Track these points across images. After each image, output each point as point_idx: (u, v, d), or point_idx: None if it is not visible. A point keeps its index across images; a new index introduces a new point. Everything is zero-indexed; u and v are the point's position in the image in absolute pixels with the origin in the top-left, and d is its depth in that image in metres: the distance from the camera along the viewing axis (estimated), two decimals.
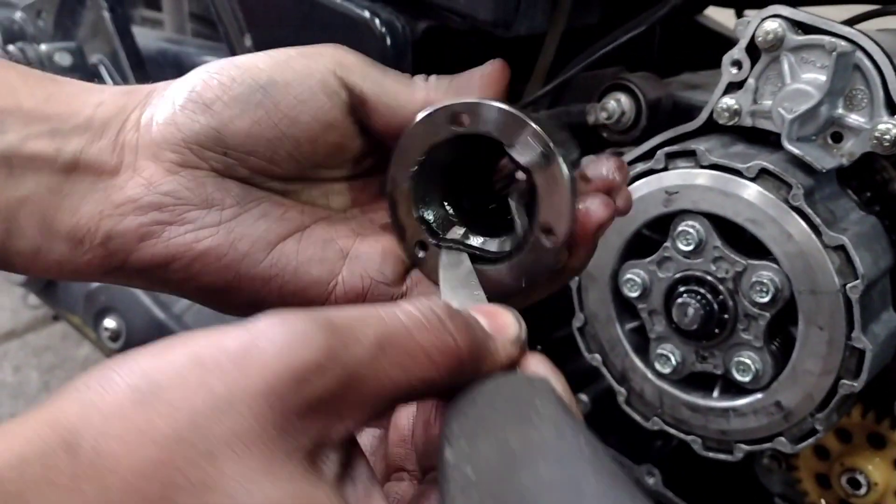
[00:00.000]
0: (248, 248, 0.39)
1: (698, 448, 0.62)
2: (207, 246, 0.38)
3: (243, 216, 0.39)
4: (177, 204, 0.38)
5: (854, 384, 0.54)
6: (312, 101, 0.38)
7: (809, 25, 0.56)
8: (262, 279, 0.39)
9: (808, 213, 0.53)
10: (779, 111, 0.56)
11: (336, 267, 0.40)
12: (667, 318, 0.61)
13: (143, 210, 0.38)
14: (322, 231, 0.41)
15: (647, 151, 0.62)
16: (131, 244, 0.38)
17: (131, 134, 0.39)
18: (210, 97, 0.38)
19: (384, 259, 0.40)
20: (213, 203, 0.38)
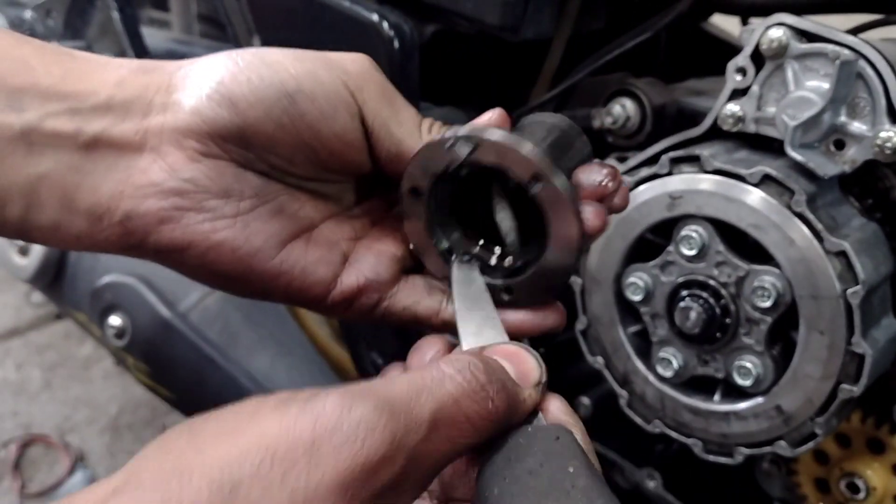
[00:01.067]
0: (262, 244, 0.40)
1: (699, 451, 0.62)
2: (224, 237, 0.39)
3: (260, 209, 0.40)
4: (197, 192, 0.39)
5: (854, 389, 0.55)
6: (335, 117, 0.39)
7: (813, 34, 0.56)
8: (271, 275, 0.40)
9: (811, 218, 0.54)
10: (782, 118, 0.57)
11: (338, 269, 0.42)
12: (669, 321, 0.61)
13: (164, 195, 0.38)
14: (329, 231, 0.42)
15: (651, 156, 0.62)
16: (150, 226, 0.38)
17: (156, 119, 0.39)
18: (237, 94, 0.38)
19: (379, 260, 0.42)
20: (232, 194, 0.39)
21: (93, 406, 1.46)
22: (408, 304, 0.42)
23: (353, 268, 0.42)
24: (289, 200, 0.41)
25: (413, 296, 0.42)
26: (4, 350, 1.57)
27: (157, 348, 0.78)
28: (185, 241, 0.39)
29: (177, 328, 0.77)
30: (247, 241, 0.39)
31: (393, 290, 0.42)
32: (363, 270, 0.42)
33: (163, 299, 0.78)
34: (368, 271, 0.42)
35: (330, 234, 0.42)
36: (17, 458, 1.34)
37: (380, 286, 0.42)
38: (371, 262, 0.42)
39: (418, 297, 0.42)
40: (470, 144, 0.38)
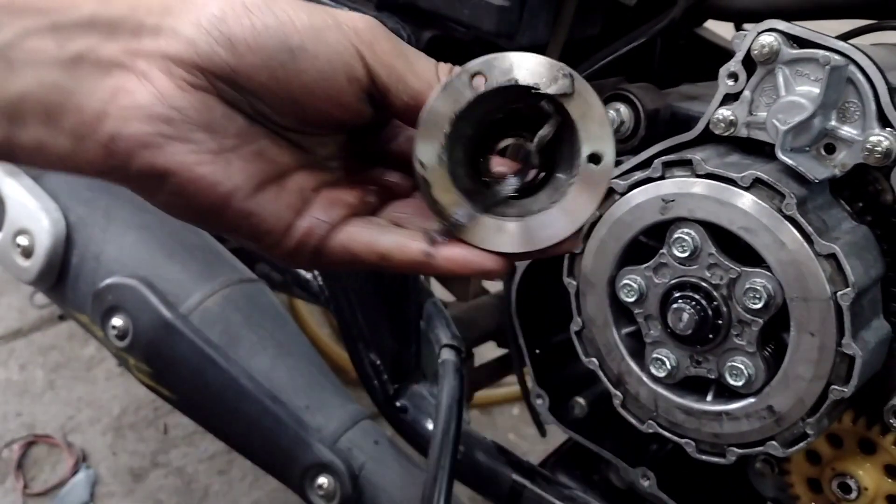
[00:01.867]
0: (241, 183, 0.40)
1: (692, 451, 0.63)
2: (206, 172, 0.39)
3: (242, 149, 0.40)
4: (184, 121, 0.38)
5: (844, 390, 0.55)
6: (333, 79, 0.39)
7: (804, 39, 0.57)
8: (244, 213, 0.40)
9: (801, 222, 0.55)
10: (773, 122, 0.57)
11: (302, 214, 0.42)
12: (662, 323, 0.62)
13: (150, 119, 0.38)
14: (301, 179, 0.42)
15: (644, 160, 0.63)
16: (133, 149, 0.38)
17: (147, 42, 0.38)
18: (238, 35, 0.38)
19: (332, 206, 0.42)
20: (217, 130, 0.39)
21: (96, 406, 1.47)
22: (344, 240, 0.42)
23: (305, 213, 0.42)
24: (270, 145, 0.41)
25: (352, 232, 0.42)
26: (8, 351, 1.58)
27: (158, 349, 0.79)
28: (167, 168, 0.38)
29: (178, 329, 0.78)
30: (228, 178, 0.39)
31: (334, 233, 0.42)
32: (312, 214, 0.42)
33: (164, 301, 0.79)
34: (322, 215, 0.42)
35: (302, 182, 0.42)
36: (21, 458, 1.35)
37: (325, 227, 0.42)
38: (322, 206, 0.42)
39: (356, 232, 0.42)
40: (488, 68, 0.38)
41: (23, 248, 0.87)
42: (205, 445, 1.38)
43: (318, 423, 0.78)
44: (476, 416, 1.49)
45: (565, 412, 0.75)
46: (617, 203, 0.63)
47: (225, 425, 0.81)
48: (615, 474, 0.75)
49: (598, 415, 0.73)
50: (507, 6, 0.67)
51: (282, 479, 0.80)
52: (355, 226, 0.42)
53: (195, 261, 0.85)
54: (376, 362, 0.85)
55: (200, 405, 0.81)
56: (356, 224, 0.42)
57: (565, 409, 0.75)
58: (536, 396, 0.75)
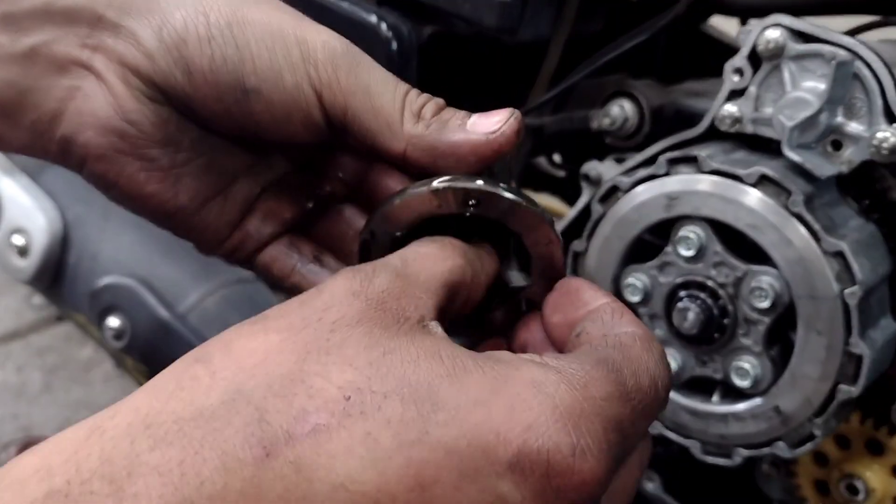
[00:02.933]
0: (187, 202, 0.40)
1: (697, 452, 0.62)
2: (154, 190, 0.39)
3: (193, 163, 0.40)
4: (139, 137, 0.38)
5: (852, 389, 0.55)
6: (287, 123, 0.39)
7: (810, 35, 0.57)
8: (185, 228, 0.42)
9: (808, 219, 0.54)
10: (779, 119, 0.57)
11: (238, 228, 0.43)
12: (667, 322, 0.61)
13: (104, 132, 0.37)
14: (247, 185, 0.43)
15: (649, 157, 0.62)
16: (86, 157, 0.38)
17: (106, 41, 0.37)
18: (196, 64, 0.37)
19: (266, 220, 0.43)
20: (171, 143, 0.39)
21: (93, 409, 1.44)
22: (267, 261, 0.43)
23: (241, 226, 0.43)
24: (220, 154, 0.41)
25: (274, 255, 0.44)
26: (5, 352, 1.57)
27: (156, 349, 0.78)
28: (116, 182, 0.39)
29: (176, 329, 0.78)
30: (174, 196, 0.40)
31: (266, 248, 0.44)
32: (246, 229, 0.43)
33: (162, 301, 0.79)
34: (251, 229, 0.43)
35: (247, 188, 0.42)
36: None
37: (254, 243, 0.43)
38: (257, 221, 0.43)
39: (278, 256, 0.43)
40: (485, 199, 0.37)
41: (19, 247, 0.87)
42: None
43: None
44: None
45: None
46: (621, 200, 0.62)
47: None
48: None
49: None
50: (510, 1, 0.66)
51: None
52: (279, 250, 0.43)
53: (193, 260, 0.84)
54: None
55: None
56: (280, 248, 0.43)
57: None
58: None
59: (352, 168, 0.44)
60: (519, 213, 0.38)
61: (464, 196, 0.37)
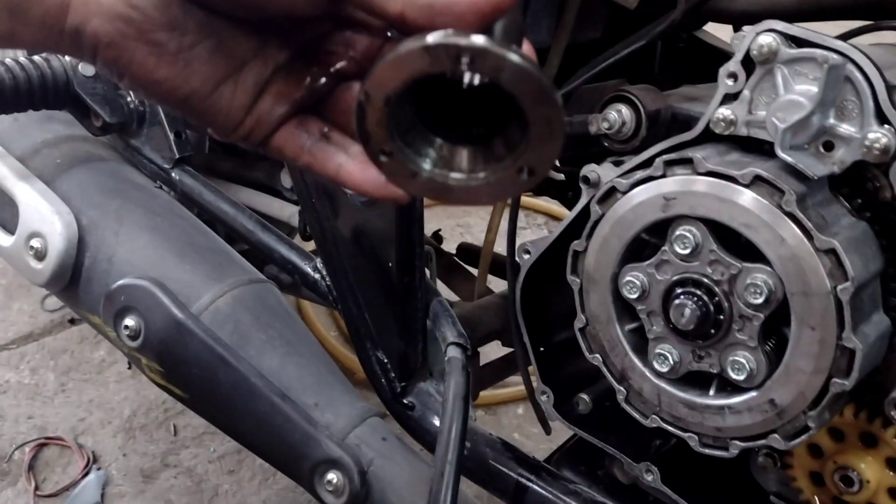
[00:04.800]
0: (198, 86, 0.41)
1: (695, 445, 0.64)
2: (164, 76, 0.40)
3: (200, 47, 0.41)
4: (144, 21, 0.39)
5: (845, 383, 0.56)
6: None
7: (802, 39, 0.58)
8: (199, 112, 0.42)
9: (801, 218, 0.56)
10: (772, 121, 0.59)
11: (251, 111, 0.44)
12: (665, 318, 0.63)
13: (110, 18, 0.39)
14: (257, 68, 0.43)
15: (646, 160, 0.64)
16: (96, 45, 0.39)
17: None
18: None
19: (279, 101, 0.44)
20: (177, 27, 0.40)
21: (106, 409, 1.48)
22: (280, 144, 0.44)
23: (253, 109, 0.43)
24: (227, 37, 0.42)
25: (285, 136, 0.44)
26: (20, 354, 1.60)
27: (170, 349, 0.80)
28: (127, 68, 0.40)
29: (189, 329, 0.80)
30: (185, 81, 0.41)
31: (278, 130, 0.44)
32: (258, 111, 0.43)
33: (175, 301, 0.81)
34: (263, 111, 0.43)
35: (257, 71, 0.43)
36: (32, 460, 1.37)
37: (267, 125, 0.44)
38: (269, 102, 0.44)
39: (289, 137, 0.44)
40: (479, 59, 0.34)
41: (36, 250, 0.89)
42: (214, 446, 1.40)
43: (327, 421, 0.79)
44: (481, 416, 1.50)
45: (570, 409, 0.76)
46: (619, 201, 0.64)
47: (236, 423, 0.82)
48: (619, 469, 0.76)
49: (602, 411, 0.74)
50: None
51: (292, 475, 0.81)
52: (289, 131, 0.44)
53: (205, 262, 0.86)
54: (384, 361, 0.86)
55: (212, 404, 0.82)
56: (290, 129, 0.44)
57: (570, 406, 0.76)
58: (541, 393, 0.76)
59: (362, 46, 0.44)
60: (513, 73, 0.35)
61: (455, 52, 0.35)
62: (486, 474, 0.81)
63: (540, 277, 0.74)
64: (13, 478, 1.34)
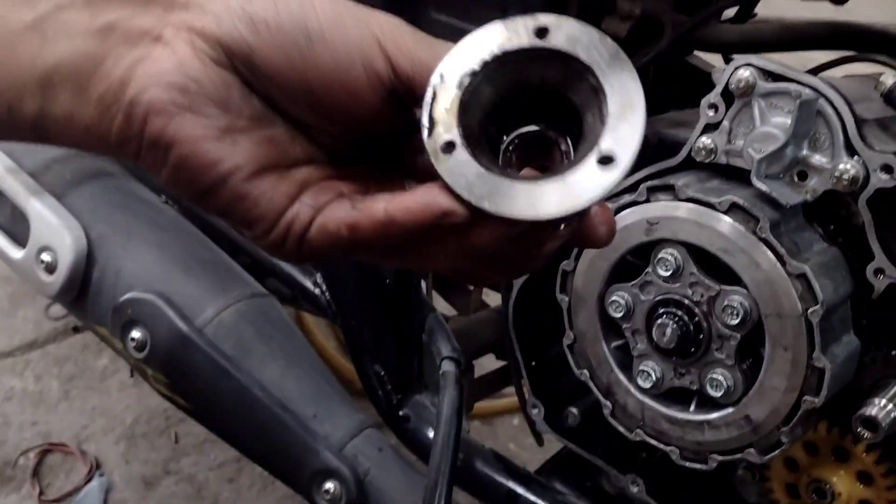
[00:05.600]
0: (242, 163, 0.39)
1: (676, 458, 0.67)
2: (210, 148, 0.38)
3: (254, 133, 0.40)
4: (199, 93, 0.39)
5: (815, 400, 0.59)
6: (350, 70, 0.38)
7: (778, 74, 0.62)
8: (239, 195, 0.39)
9: (774, 244, 0.59)
10: (749, 152, 0.62)
11: (294, 202, 0.40)
12: (648, 337, 0.66)
13: (167, 87, 0.39)
14: (308, 172, 0.41)
15: (631, 185, 0.67)
16: (148, 114, 0.39)
17: (177, 15, 0.39)
18: (260, 16, 0.38)
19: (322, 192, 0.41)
20: (232, 108, 0.39)
21: (109, 416, 1.51)
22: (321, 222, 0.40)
23: (296, 201, 0.40)
24: (284, 134, 0.40)
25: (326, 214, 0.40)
26: (24, 362, 1.63)
27: (174, 361, 0.83)
28: (174, 138, 0.39)
29: (193, 342, 0.83)
30: (230, 156, 0.39)
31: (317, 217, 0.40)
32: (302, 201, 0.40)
33: (180, 315, 0.84)
34: (306, 199, 0.40)
35: (308, 175, 0.41)
36: (36, 466, 1.39)
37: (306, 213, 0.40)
38: (312, 193, 0.40)
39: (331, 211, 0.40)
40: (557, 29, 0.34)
41: (46, 263, 0.92)
42: (215, 454, 1.42)
43: (326, 431, 0.82)
44: (477, 427, 1.53)
45: (559, 421, 0.79)
46: None
47: (237, 433, 0.85)
48: (607, 481, 0.79)
49: (590, 424, 0.77)
50: None
51: (290, 484, 0.84)
52: (332, 205, 0.40)
53: (209, 276, 0.89)
54: (380, 373, 0.89)
55: (214, 414, 0.85)
56: (334, 203, 0.40)
57: (560, 419, 0.79)
58: (532, 406, 0.79)
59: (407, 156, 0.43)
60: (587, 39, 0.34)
61: (533, 23, 0.35)
62: (478, 484, 0.83)
63: (532, 294, 0.77)
64: (18, 483, 1.37)
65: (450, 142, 0.35)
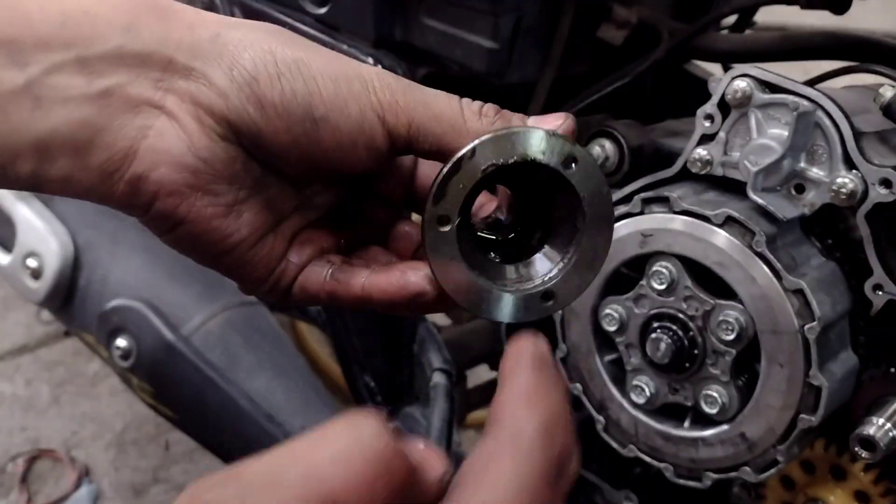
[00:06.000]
0: (247, 235, 0.41)
1: (670, 475, 0.66)
2: (219, 224, 0.40)
3: (253, 200, 0.41)
4: (209, 173, 0.39)
5: (812, 419, 0.58)
6: (352, 150, 0.40)
7: (775, 85, 0.61)
8: (240, 263, 0.42)
9: (770, 258, 0.58)
10: (745, 164, 0.61)
11: (281, 260, 0.43)
12: (642, 351, 0.65)
13: (178, 168, 0.39)
14: (295, 222, 0.44)
15: (626, 196, 0.66)
16: (158, 193, 0.39)
17: (179, 83, 0.38)
18: (268, 100, 0.38)
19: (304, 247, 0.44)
20: (237, 180, 0.40)
21: (99, 422, 1.49)
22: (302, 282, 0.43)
23: (283, 258, 0.43)
24: (278, 192, 0.42)
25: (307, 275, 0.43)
26: (14, 366, 1.61)
27: (160, 370, 0.82)
28: (183, 217, 0.40)
29: (180, 351, 0.81)
30: (237, 230, 0.41)
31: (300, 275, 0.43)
32: (288, 258, 0.43)
33: (167, 323, 0.82)
34: (292, 258, 0.43)
35: (294, 224, 0.43)
36: (25, 472, 1.38)
37: (294, 269, 0.43)
38: (296, 249, 0.43)
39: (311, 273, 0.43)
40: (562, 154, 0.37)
41: (32, 269, 0.91)
42: (205, 462, 1.41)
43: None
44: (471, 437, 1.51)
45: None
46: None
47: (223, 444, 0.84)
48: (600, 496, 0.77)
49: (583, 439, 0.75)
50: (497, 48, 0.70)
51: None
52: (315, 266, 0.43)
53: (197, 284, 0.88)
54: (370, 384, 0.88)
55: (200, 425, 0.84)
56: (315, 265, 0.43)
57: None
58: None
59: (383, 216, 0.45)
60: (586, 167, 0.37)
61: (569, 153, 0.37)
62: None
63: None
64: (6, 489, 1.35)
65: (448, 217, 0.38)
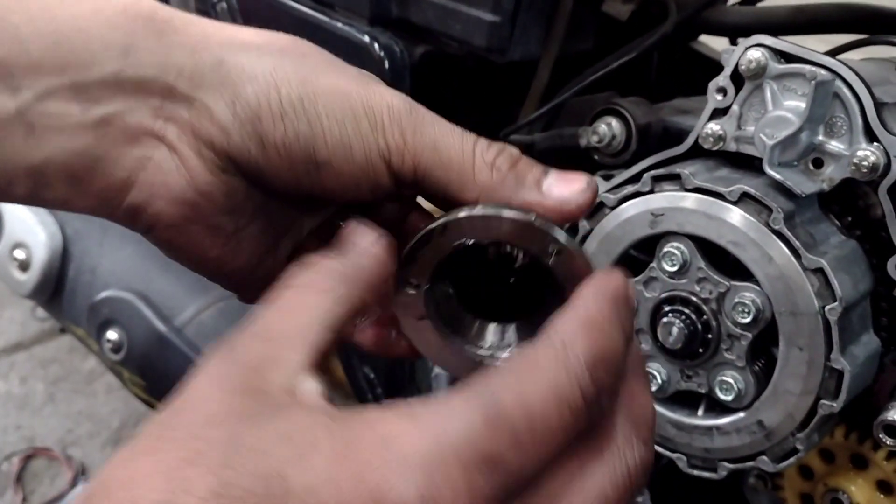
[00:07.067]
0: (245, 262, 0.42)
1: (683, 466, 0.63)
2: (217, 254, 0.40)
3: (253, 226, 0.41)
4: (209, 207, 0.38)
5: (833, 405, 0.55)
6: (356, 191, 0.39)
7: (791, 55, 0.58)
8: (239, 280, 0.43)
9: (788, 236, 0.55)
10: (760, 137, 0.58)
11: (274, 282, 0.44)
12: (653, 337, 0.62)
13: (177, 203, 0.38)
14: (289, 241, 0.44)
15: (635, 174, 0.63)
16: (155, 225, 0.39)
17: (179, 113, 0.37)
18: (270, 139, 0.37)
19: None
20: (236, 210, 0.40)
21: (95, 420, 1.47)
22: None
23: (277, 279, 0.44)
24: (278, 215, 0.42)
25: None
26: (9, 364, 1.59)
27: (152, 363, 0.79)
28: (181, 248, 0.40)
29: (172, 343, 0.79)
30: (235, 258, 0.41)
31: None
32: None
33: (159, 314, 0.80)
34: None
35: (288, 244, 0.44)
36: (20, 471, 1.36)
37: None
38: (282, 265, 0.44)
39: None
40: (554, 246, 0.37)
41: (20, 261, 0.88)
42: None
43: None
44: None
45: None
46: (607, 217, 0.63)
47: None
48: None
49: None
50: (498, 22, 0.67)
51: None
52: None
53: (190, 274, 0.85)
54: (370, 376, 0.85)
55: None
56: None
57: None
58: None
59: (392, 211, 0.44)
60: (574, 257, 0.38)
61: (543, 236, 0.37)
62: None
63: None
64: (1, 489, 1.33)
65: (417, 285, 0.38)
